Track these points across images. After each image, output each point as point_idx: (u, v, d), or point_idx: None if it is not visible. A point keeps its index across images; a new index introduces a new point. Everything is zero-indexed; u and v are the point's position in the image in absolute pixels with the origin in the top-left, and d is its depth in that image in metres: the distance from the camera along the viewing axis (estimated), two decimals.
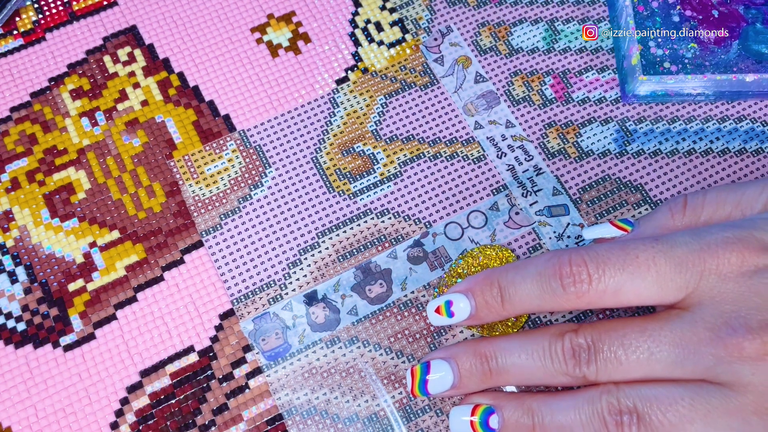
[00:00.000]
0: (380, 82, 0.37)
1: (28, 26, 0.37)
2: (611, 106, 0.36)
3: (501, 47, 0.38)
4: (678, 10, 0.35)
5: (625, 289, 0.25)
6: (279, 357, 0.31)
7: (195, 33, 0.37)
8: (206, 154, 0.35)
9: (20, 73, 0.36)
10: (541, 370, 0.27)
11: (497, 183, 0.34)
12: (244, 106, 0.36)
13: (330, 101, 0.37)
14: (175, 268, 0.33)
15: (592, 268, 0.25)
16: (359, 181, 0.35)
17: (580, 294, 0.25)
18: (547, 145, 0.35)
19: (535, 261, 0.27)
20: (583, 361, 0.26)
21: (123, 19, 0.38)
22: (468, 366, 0.28)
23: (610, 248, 0.26)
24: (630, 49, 0.35)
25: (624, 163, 0.35)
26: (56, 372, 0.31)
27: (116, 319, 0.32)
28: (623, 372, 0.25)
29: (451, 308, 0.28)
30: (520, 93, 0.36)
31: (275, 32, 0.38)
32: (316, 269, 0.33)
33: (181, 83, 0.36)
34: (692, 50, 0.35)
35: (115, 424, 0.30)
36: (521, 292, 0.27)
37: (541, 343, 0.27)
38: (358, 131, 0.36)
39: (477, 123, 0.36)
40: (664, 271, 0.25)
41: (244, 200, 0.34)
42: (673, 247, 0.25)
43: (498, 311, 0.27)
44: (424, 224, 0.34)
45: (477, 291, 0.28)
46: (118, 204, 0.34)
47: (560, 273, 0.26)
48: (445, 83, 0.37)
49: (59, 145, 0.35)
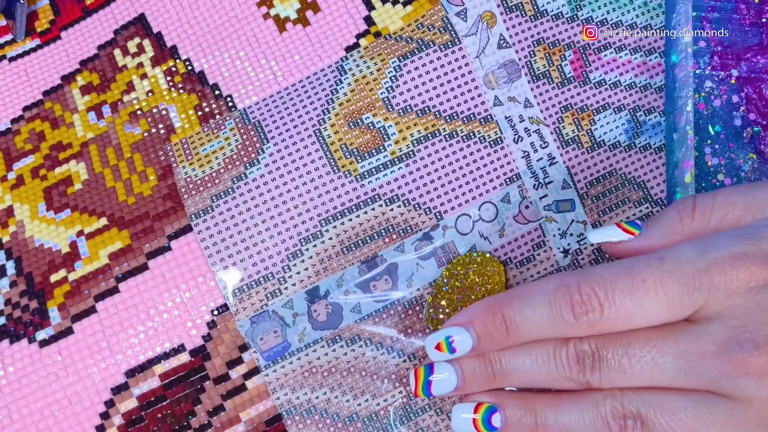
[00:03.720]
0: (394, 44, 0.32)
1: (45, 26, 0.36)
2: (625, 92, 0.33)
3: (527, 6, 0.33)
4: (741, 112, 0.32)
5: (634, 314, 0.25)
6: (278, 356, 0.29)
7: (202, 15, 0.34)
8: (203, 135, 0.31)
9: (34, 73, 0.35)
10: (545, 374, 0.26)
11: (511, 171, 0.32)
12: (248, 85, 0.32)
13: (337, 69, 0.32)
14: (161, 255, 0.30)
15: (602, 297, 0.25)
16: (367, 159, 0.31)
17: (592, 323, 0.25)
18: (562, 131, 0.33)
19: (541, 289, 0.26)
20: (587, 367, 0.26)
21: (132, 8, 0.35)
22: (471, 368, 0.27)
23: (617, 273, 0.25)
24: (686, 162, 0.32)
25: (631, 158, 0.33)
26: (31, 370, 0.28)
27: (96, 312, 0.29)
28: (627, 380, 0.25)
29: (453, 345, 0.27)
30: (541, 67, 0.33)
31: (282, 4, 0.34)
32: (318, 262, 0.30)
33: (187, 69, 0.33)
34: (750, 162, 0.32)
35: (101, 426, 0.28)
36: (530, 323, 0.26)
37: (545, 347, 0.26)
38: (368, 99, 0.32)
39: (497, 98, 0.32)
40: (672, 293, 0.25)
41: (238, 179, 0.31)
42: (680, 265, 0.25)
43: (502, 342, 0.27)
44: (435, 215, 0.31)
45: (478, 323, 0.27)
46: (111, 191, 0.31)
47: (571, 303, 0.25)
48: (467, 44, 0.33)
49: (65, 140, 0.33)
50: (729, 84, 0.33)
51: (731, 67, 0.33)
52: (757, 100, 0.32)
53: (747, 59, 0.33)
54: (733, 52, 0.33)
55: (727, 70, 0.33)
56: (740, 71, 0.33)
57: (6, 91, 0.35)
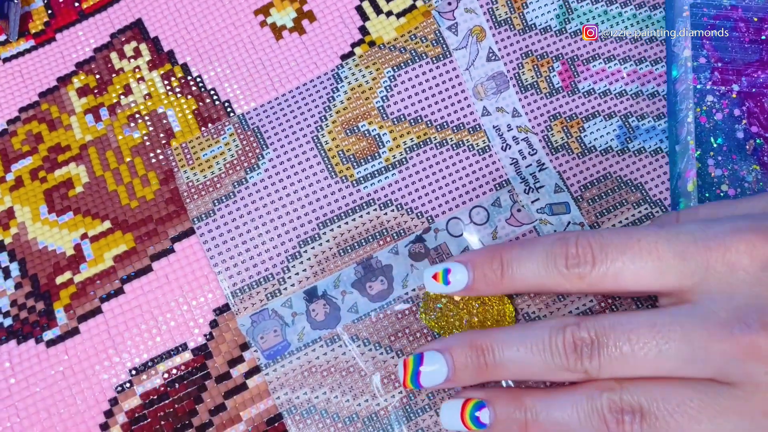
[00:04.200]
0: (388, 53, 0.34)
1: (40, 27, 0.37)
2: (615, 100, 0.34)
3: (515, 20, 0.35)
4: (743, 125, 0.32)
5: (625, 273, 0.25)
6: (278, 355, 0.30)
7: (199, 21, 0.35)
8: (203, 140, 0.32)
9: (30, 74, 0.36)
10: (540, 364, 0.25)
11: (500, 177, 0.33)
12: (245, 90, 0.33)
13: (333, 77, 0.33)
14: (165, 257, 0.31)
15: (596, 251, 0.25)
16: (363, 166, 0.32)
17: (582, 275, 0.25)
18: (551, 138, 0.34)
19: (542, 240, 0.26)
20: (586, 355, 0.24)
21: (129, 13, 0.36)
22: (463, 359, 0.26)
23: (616, 232, 0.26)
24: (688, 171, 0.32)
25: (625, 161, 0.34)
26: (38, 369, 0.29)
27: (101, 313, 0.30)
28: (629, 369, 0.24)
29: (449, 276, 0.27)
30: (529, 78, 0.34)
31: (279, 13, 0.35)
32: (316, 263, 0.31)
33: (184, 74, 0.34)
34: (754, 173, 0.32)
35: (105, 425, 0.29)
36: (524, 269, 0.26)
37: (541, 335, 0.25)
38: (364, 107, 0.33)
39: (485, 108, 0.34)
40: (665, 257, 0.24)
41: (239, 184, 0.32)
42: (678, 234, 0.25)
43: (496, 285, 0.27)
44: (427, 219, 0.32)
45: (477, 263, 0.27)
46: (113, 195, 0.32)
47: (566, 254, 0.25)
48: (457, 57, 0.34)
49: (63, 142, 0.33)
50: (730, 98, 0.33)
51: (732, 83, 0.33)
52: (759, 113, 0.33)
53: (748, 74, 0.33)
54: (733, 68, 0.33)
55: (728, 85, 0.33)
56: (741, 86, 0.33)
57: (1, 92, 0.35)
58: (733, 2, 0.34)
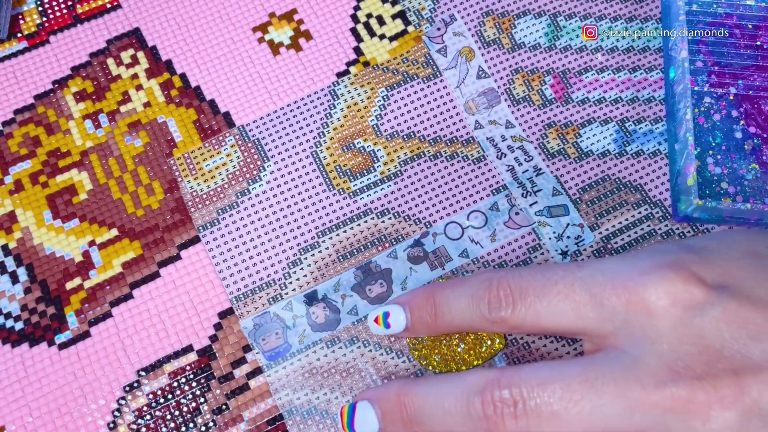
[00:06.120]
0: (382, 74, 0.36)
1: (32, 29, 0.37)
2: (611, 107, 0.36)
3: (504, 40, 0.37)
4: (741, 126, 0.33)
5: (543, 316, 0.24)
6: (279, 357, 0.32)
7: (197, 34, 0.37)
8: (205, 151, 0.34)
9: (24, 76, 0.36)
10: (460, 425, 0.24)
11: (497, 183, 0.34)
12: (245, 103, 0.35)
13: (330, 93, 0.36)
14: (171, 264, 0.32)
15: (516, 295, 0.25)
16: (359, 179, 0.34)
17: (504, 319, 0.25)
18: (546, 145, 0.35)
19: (470, 281, 0.26)
20: (508, 416, 0.23)
21: (126, 22, 0.37)
22: (391, 415, 0.26)
23: (539, 272, 0.25)
24: (687, 167, 0.32)
25: (623, 164, 0.35)
26: (51, 371, 0.30)
27: (111, 317, 0.31)
28: (561, 428, 0.22)
29: (388, 320, 0.28)
30: (521, 92, 0.36)
31: (277, 31, 0.37)
32: (316, 269, 0.33)
33: (183, 84, 0.36)
34: (753, 171, 0.33)
35: (113, 423, 0.30)
36: (454, 311, 0.26)
37: (458, 394, 0.24)
38: (359, 125, 0.35)
39: (477, 122, 0.36)
40: (581, 301, 0.23)
41: (242, 195, 0.34)
42: (594, 275, 0.24)
43: (432, 327, 0.27)
44: (425, 224, 0.34)
45: (414, 305, 0.27)
46: (118, 203, 0.33)
47: (489, 297, 0.25)
48: (447, 76, 0.36)
49: (63, 147, 0.34)
50: (728, 100, 0.34)
51: (729, 85, 0.34)
52: (756, 115, 0.33)
53: (744, 78, 0.34)
54: (730, 72, 0.34)
55: (725, 88, 0.34)
56: (738, 89, 0.34)
57: None
58: (728, 10, 0.36)
